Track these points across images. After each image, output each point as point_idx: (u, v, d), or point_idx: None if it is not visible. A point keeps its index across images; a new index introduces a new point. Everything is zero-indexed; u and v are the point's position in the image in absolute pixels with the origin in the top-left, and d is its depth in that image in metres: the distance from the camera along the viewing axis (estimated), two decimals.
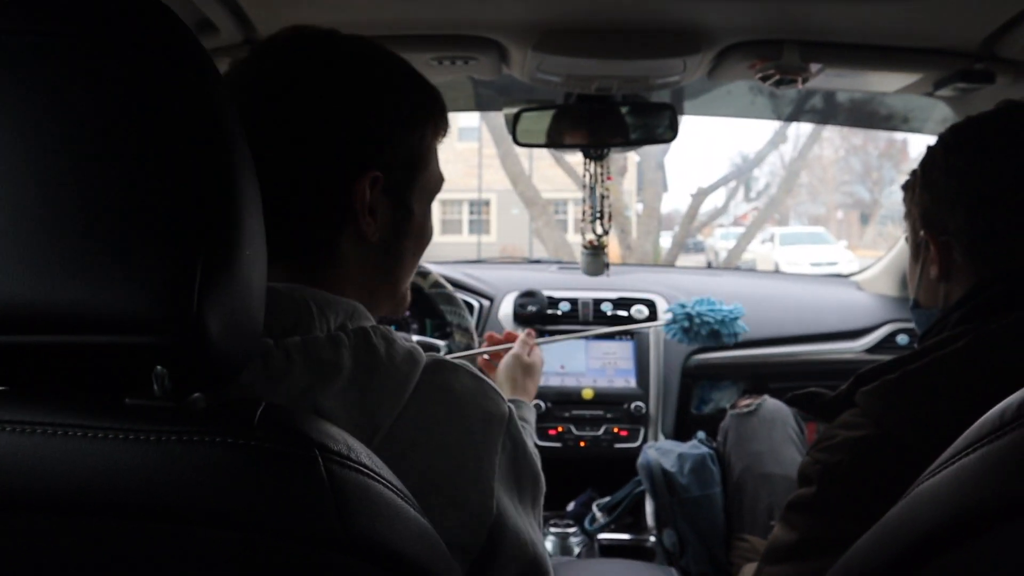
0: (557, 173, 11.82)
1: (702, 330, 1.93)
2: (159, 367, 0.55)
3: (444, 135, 0.90)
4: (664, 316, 2.05)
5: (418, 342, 1.80)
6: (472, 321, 2.00)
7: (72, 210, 0.52)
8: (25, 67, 0.53)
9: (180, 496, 0.52)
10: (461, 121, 19.69)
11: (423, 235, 0.90)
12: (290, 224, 0.79)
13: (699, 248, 21.45)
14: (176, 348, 0.54)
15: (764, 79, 1.53)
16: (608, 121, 1.76)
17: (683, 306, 1.97)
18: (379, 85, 0.83)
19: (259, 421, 0.55)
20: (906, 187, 1.15)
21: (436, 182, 0.90)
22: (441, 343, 1.88)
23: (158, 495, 0.52)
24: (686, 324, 1.94)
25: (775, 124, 10.83)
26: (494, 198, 21.62)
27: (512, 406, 0.82)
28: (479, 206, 22.20)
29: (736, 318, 1.95)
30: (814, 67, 1.52)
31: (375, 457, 0.61)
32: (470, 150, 19.93)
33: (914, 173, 1.13)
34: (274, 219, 0.75)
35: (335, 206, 0.80)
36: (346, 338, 0.74)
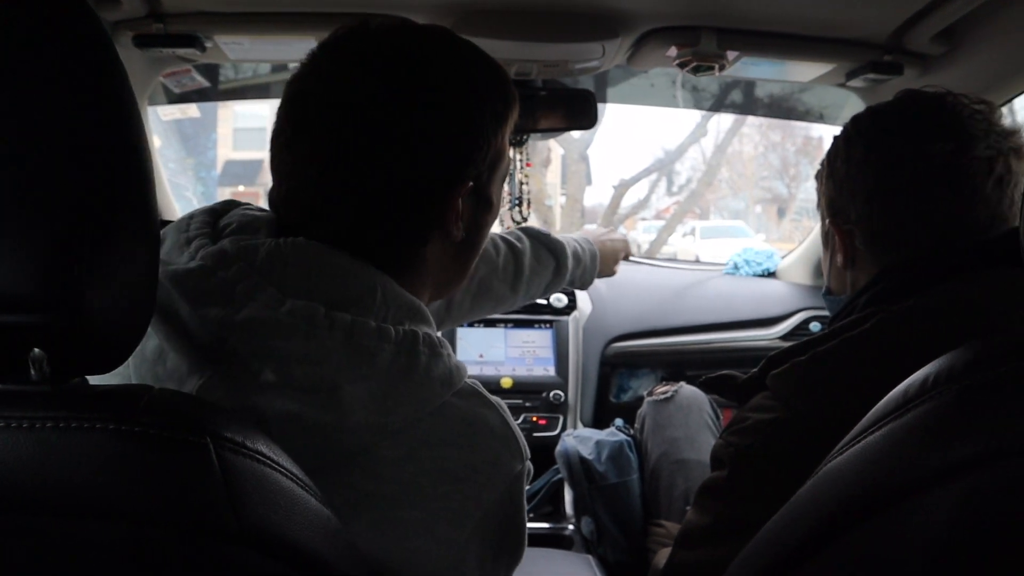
0: None
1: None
2: (36, 349, 0.52)
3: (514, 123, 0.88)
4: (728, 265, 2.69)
5: None
6: None
7: None
8: None
9: (58, 487, 0.49)
10: None
11: (495, 215, 0.89)
12: (378, 235, 0.78)
13: None
14: (55, 329, 0.51)
15: (682, 65, 1.55)
16: (527, 106, 1.75)
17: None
18: (477, 89, 0.79)
19: (145, 405, 0.52)
20: (817, 177, 1.16)
21: (508, 165, 0.88)
22: None
23: (33, 487, 0.49)
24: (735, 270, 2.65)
25: (697, 118, 11.02)
26: None
27: (526, 467, 0.80)
28: None
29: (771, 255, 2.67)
30: (731, 55, 1.54)
31: (274, 445, 0.58)
32: None
33: (823, 163, 1.14)
34: (360, 230, 0.77)
35: (430, 219, 0.79)
36: (393, 334, 0.71)
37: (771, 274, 2.65)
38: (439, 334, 0.77)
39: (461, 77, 0.78)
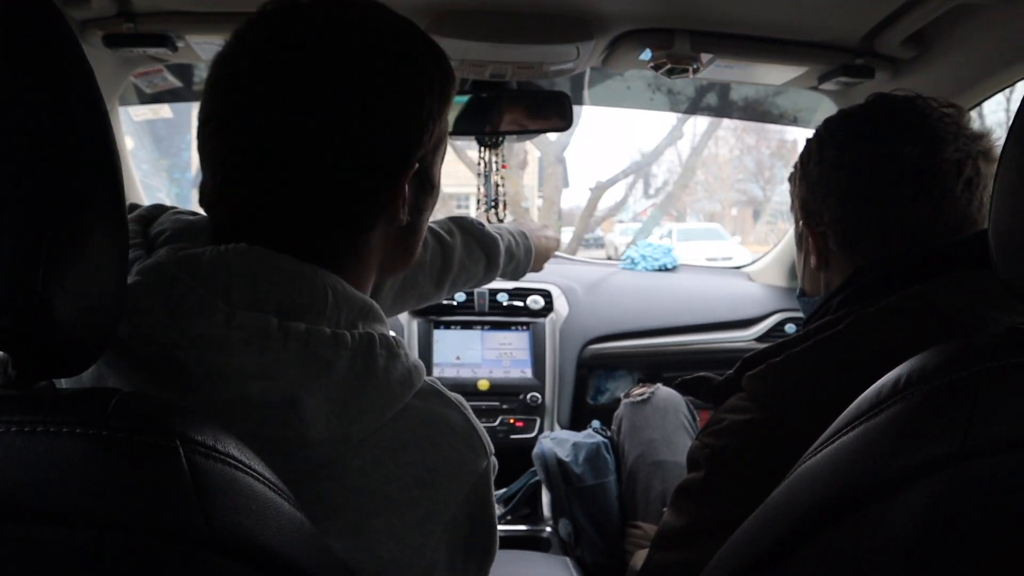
0: (459, 168, 11.78)
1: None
2: (0, 352, 0.50)
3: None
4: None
5: None
6: None
7: None
8: None
9: (25, 493, 0.48)
10: None
11: (436, 197, 0.86)
12: (323, 226, 0.74)
13: (599, 243, 21.74)
14: (20, 332, 0.50)
15: (656, 68, 1.55)
16: (502, 108, 1.75)
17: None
18: (420, 65, 0.75)
19: (113, 409, 0.51)
20: (791, 179, 1.17)
21: (446, 143, 0.85)
22: None
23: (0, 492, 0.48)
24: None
25: (673, 120, 11.07)
26: None
27: (491, 463, 0.77)
28: None
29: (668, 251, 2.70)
30: (705, 57, 1.55)
31: (246, 449, 0.57)
32: None
33: (796, 166, 1.15)
34: (304, 221, 0.73)
35: (377, 205, 0.75)
36: (350, 339, 0.68)
37: (668, 270, 2.71)
38: (393, 334, 0.75)
39: (404, 53, 0.74)
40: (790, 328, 2.37)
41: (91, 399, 0.53)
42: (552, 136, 9.76)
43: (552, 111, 1.77)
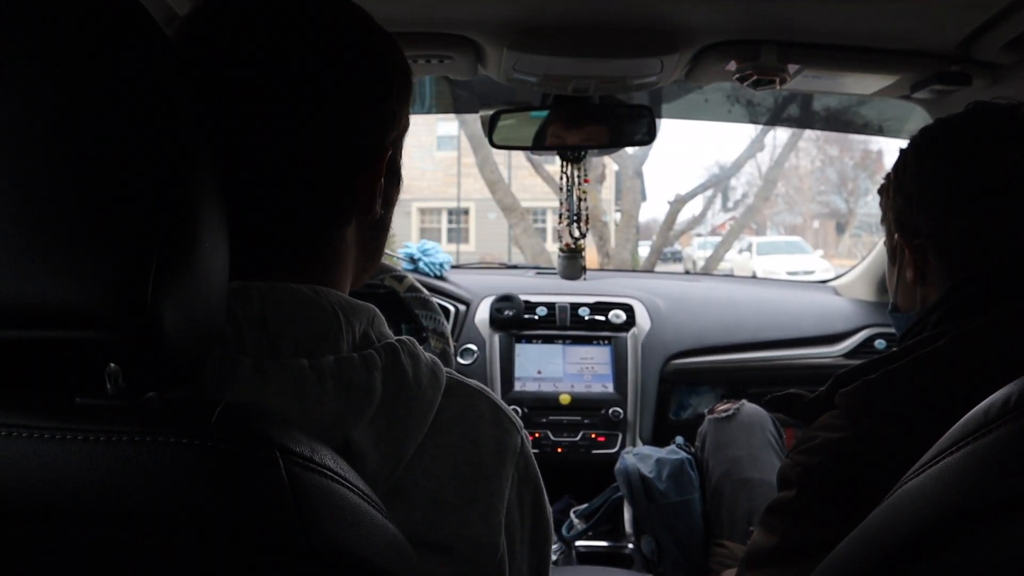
0: (536, 182, 11.84)
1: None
2: (112, 364, 0.52)
3: None
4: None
5: None
6: (448, 326, 1.97)
7: (21, 199, 0.50)
8: None
9: (131, 500, 0.50)
10: (440, 130, 19.73)
11: (400, 190, 0.83)
12: (298, 224, 0.70)
13: (677, 257, 21.60)
14: (129, 344, 0.51)
15: (742, 80, 1.53)
16: (585, 123, 1.75)
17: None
18: (382, 51, 0.73)
19: (216, 420, 0.52)
20: (882, 191, 1.14)
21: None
22: None
23: (108, 499, 0.50)
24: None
25: (753, 132, 10.91)
26: (473, 207, 21.62)
27: (523, 436, 0.77)
28: (458, 215, 22.18)
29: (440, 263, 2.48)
30: (792, 68, 1.52)
31: (341, 460, 0.58)
32: (449, 159, 19.95)
33: (889, 177, 1.12)
34: (277, 223, 0.69)
35: (352, 196, 0.72)
36: (378, 359, 0.66)
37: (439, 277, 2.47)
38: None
39: (371, 36, 0.72)
40: (880, 344, 2.30)
41: (196, 410, 0.54)
42: (630, 150, 9.74)
43: (636, 125, 1.76)
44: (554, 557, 1.90)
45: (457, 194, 20.18)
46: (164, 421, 0.52)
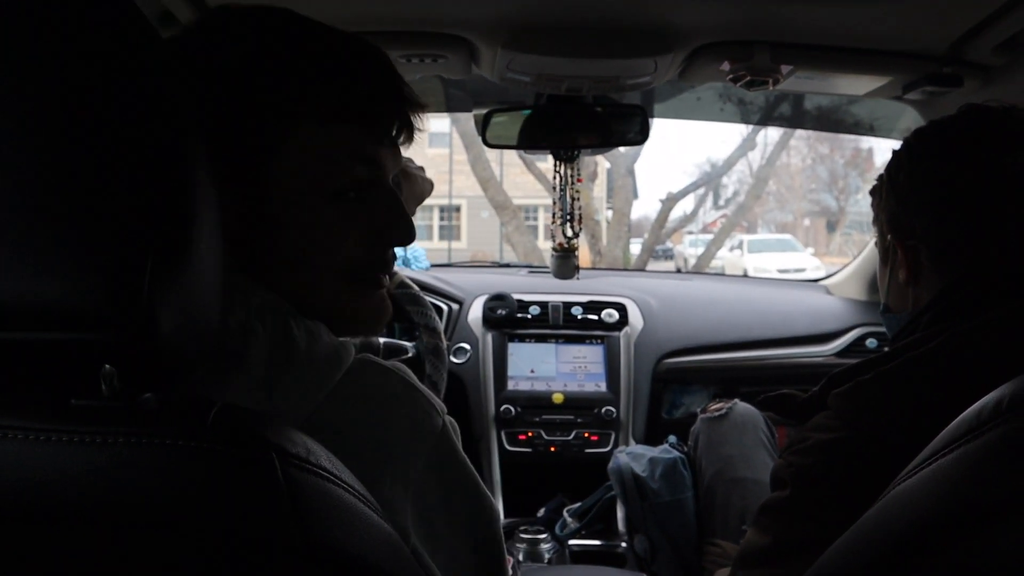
0: (528, 179, 11.84)
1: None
2: (107, 366, 0.52)
3: None
4: None
5: (385, 344, 1.76)
6: (439, 322, 1.96)
7: (15, 199, 0.49)
8: None
9: (128, 501, 0.50)
10: (432, 126, 19.56)
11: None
12: None
13: (668, 255, 21.61)
14: (125, 345, 0.51)
15: (735, 80, 1.53)
16: (578, 122, 1.75)
17: None
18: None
19: (212, 422, 0.52)
20: (874, 192, 1.15)
21: None
22: (408, 344, 1.85)
23: (105, 500, 0.50)
24: None
25: (744, 131, 10.94)
26: (464, 204, 21.62)
27: (448, 422, 0.74)
28: (449, 212, 22.17)
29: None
30: (785, 69, 1.52)
31: (336, 460, 0.58)
32: (440, 156, 19.91)
33: (881, 178, 1.13)
34: None
35: None
36: (260, 327, 0.67)
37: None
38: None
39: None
40: (871, 343, 2.31)
41: (191, 411, 0.54)
42: (622, 148, 9.74)
43: (628, 124, 1.76)
44: (547, 556, 1.91)
45: (449, 191, 20.16)
46: (160, 422, 0.52)
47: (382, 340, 1.78)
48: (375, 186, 0.77)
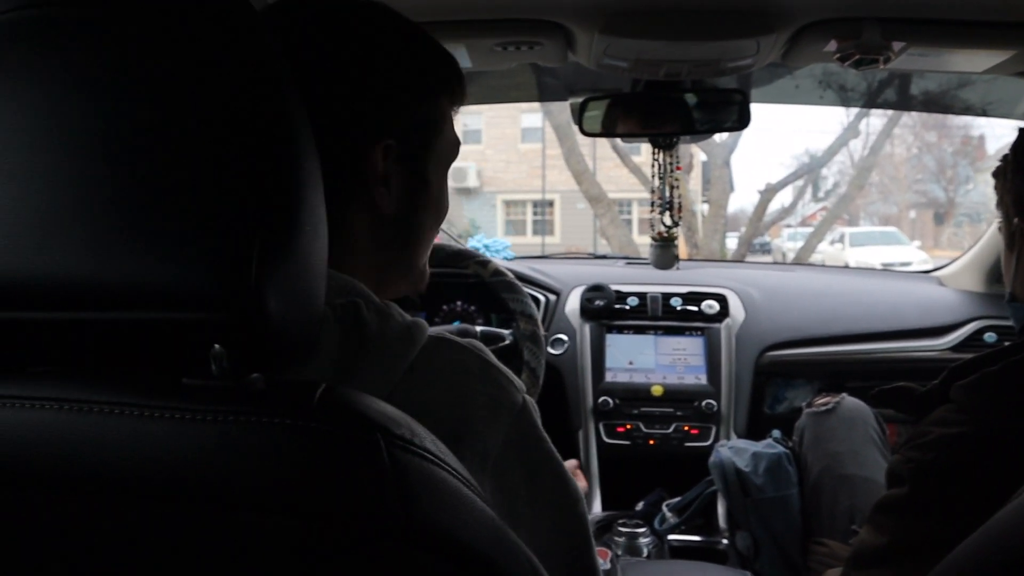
0: (622, 173, 11.75)
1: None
2: (216, 346, 0.53)
3: (461, 103, 0.85)
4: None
5: (483, 332, 1.76)
6: (536, 308, 1.95)
7: (130, 185, 0.51)
8: (87, 41, 0.53)
9: (235, 479, 0.50)
10: (524, 122, 19.79)
11: (440, 206, 0.84)
12: None
13: (766, 248, 21.18)
14: (234, 326, 0.52)
15: (843, 60, 1.47)
16: (677, 108, 1.71)
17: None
18: (394, 51, 0.78)
19: (318, 402, 0.53)
20: (997, 174, 1.09)
21: (452, 149, 0.85)
22: (506, 332, 1.84)
23: (213, 478, 0.50)
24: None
25: (845, 119, 10.61)
26: (558, 199, 21.62)
27: (526, 400, 0.74)
28: (543, 207, 22.22)
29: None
30: (897, 46, 1.45)
31: (439, 443, 0.58)
32: (533, 151, 20.00)
33: (1005, 158, 1.07)
34: None
35: (345, 176, 0.75)
36: (331, 312, 0.68)
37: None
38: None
39: (375, 33, 0.78)
40: (990, 337, 2.19)
41: (298, 392, 0.54)
42: (718, 139, 9.59)
43: (728, 110, 1.72)
44: (645, 551, 1.88)
45: (542, 186, 20.22)
46: (267, 402, 0.53)
47: (479, 328, 1.78)
48: None
